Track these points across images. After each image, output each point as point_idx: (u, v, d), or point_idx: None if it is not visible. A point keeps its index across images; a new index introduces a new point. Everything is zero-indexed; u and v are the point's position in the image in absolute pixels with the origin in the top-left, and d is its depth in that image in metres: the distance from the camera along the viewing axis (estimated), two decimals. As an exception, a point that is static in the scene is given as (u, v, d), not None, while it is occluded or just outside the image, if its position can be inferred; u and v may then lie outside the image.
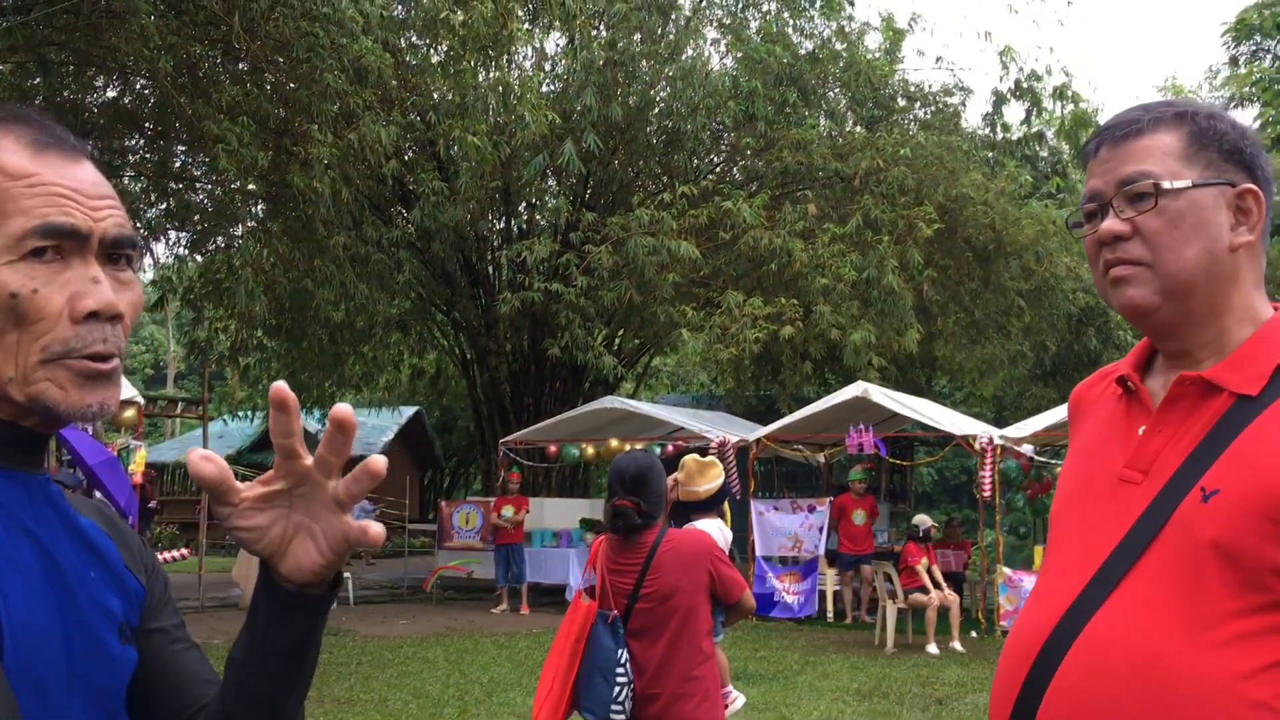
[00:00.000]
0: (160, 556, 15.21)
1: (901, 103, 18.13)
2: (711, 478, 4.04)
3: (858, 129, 17.41)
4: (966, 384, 23.74)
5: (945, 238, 15.43)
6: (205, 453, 0.90)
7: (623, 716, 3.38)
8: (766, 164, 16.26)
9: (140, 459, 10.78)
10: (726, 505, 4.29)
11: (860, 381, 13.38)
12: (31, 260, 0.93)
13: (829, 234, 14.22)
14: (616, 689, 3.37)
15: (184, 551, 15.62)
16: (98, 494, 6.82)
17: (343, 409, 0.89)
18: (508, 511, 13.83)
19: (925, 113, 18.23)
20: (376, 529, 0.93)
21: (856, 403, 13.08)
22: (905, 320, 14.20)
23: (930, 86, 18.53)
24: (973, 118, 43.75)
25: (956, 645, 10.88)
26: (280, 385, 0.89)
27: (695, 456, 4.16)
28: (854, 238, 14.32)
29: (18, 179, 0.95)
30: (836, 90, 17.60)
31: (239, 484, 0.92)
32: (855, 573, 13.15)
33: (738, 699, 3.64)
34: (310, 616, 0.98)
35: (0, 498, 0.95)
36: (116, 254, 0.99)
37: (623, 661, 3.40)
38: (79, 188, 0.97)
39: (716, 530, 4.00)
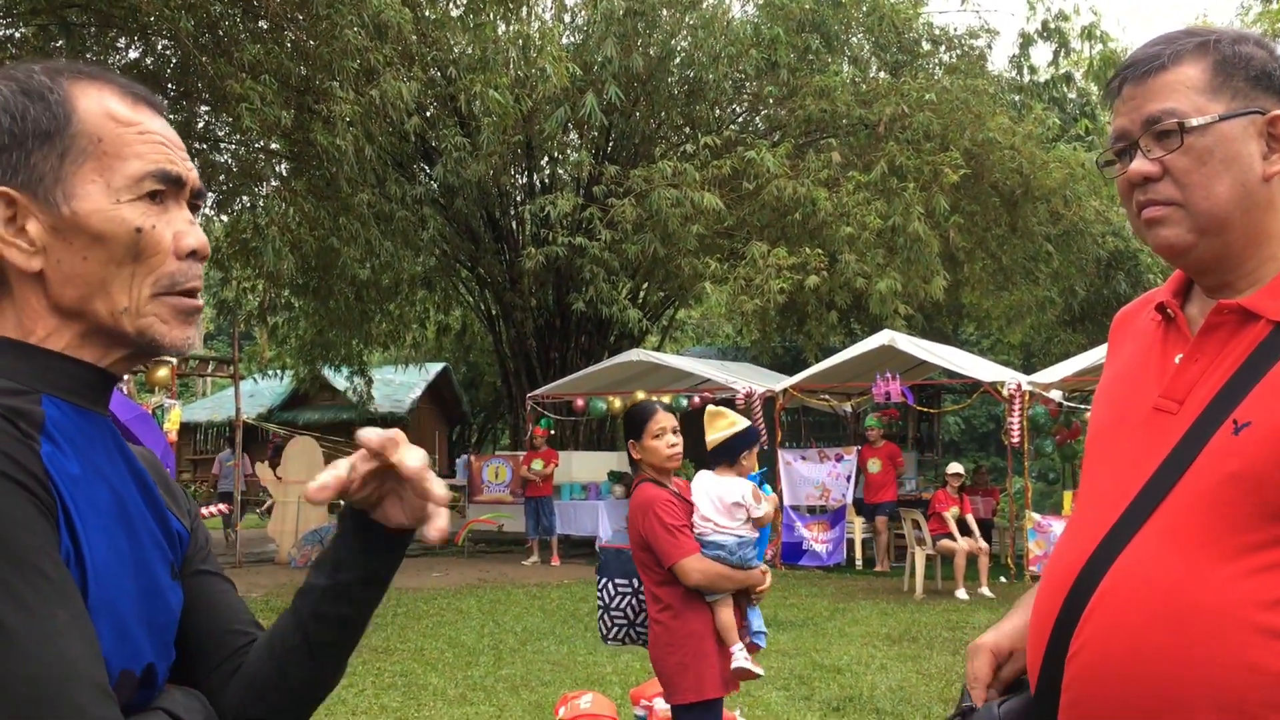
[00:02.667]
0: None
1: (926, 47, 17.88)
2: (718, 428, 3.85)
3: (882, 75, 17.20)
4: (994, 331, 23.60)
5: (971, 183, 15.26)
6: (318, 485, 1.01)
7: (604, 637, 3.95)
8: (789, 112, 16.10)
9: (175, 417, 10.94)
10: (754, 457, 4.17)
11: (886, 330, 13.34)
12: (147, 201, 1.03)
13: (853, 182, 14.10)
14: (599, 610, 3.98)
15: (221, 508, 15.86)
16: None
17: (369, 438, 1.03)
18: (537, 465, 13.95)
19: (950, 56, 17.97)
20: (436, 529, 1.04)
21: (883, 351, 13.04)
22: (931, 267, 14.11)
23: (955, 29, 18.34)
24: (999, 60, 43.13)
25: (985, 591, 10.93)
26: (374, 442, 1.02)
27: (710, 406, 4.07)
28: (879, 185, 14.19)
29: (128, 126, 1.04)
30: (860, 35, 17.36)
31: (351, 475, 1.04)
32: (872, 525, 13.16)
33: (735, 656, 3.64)
34: (392, 551, 1.11)
35: (79, 439, 1.00)
36: (193, 203, 1.10)
37: (600, 585, 3.96)
38: (171, 139, 1.08)
39: (708, 482, 3.81)
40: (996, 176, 15.39)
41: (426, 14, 12.96)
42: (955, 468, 11.79)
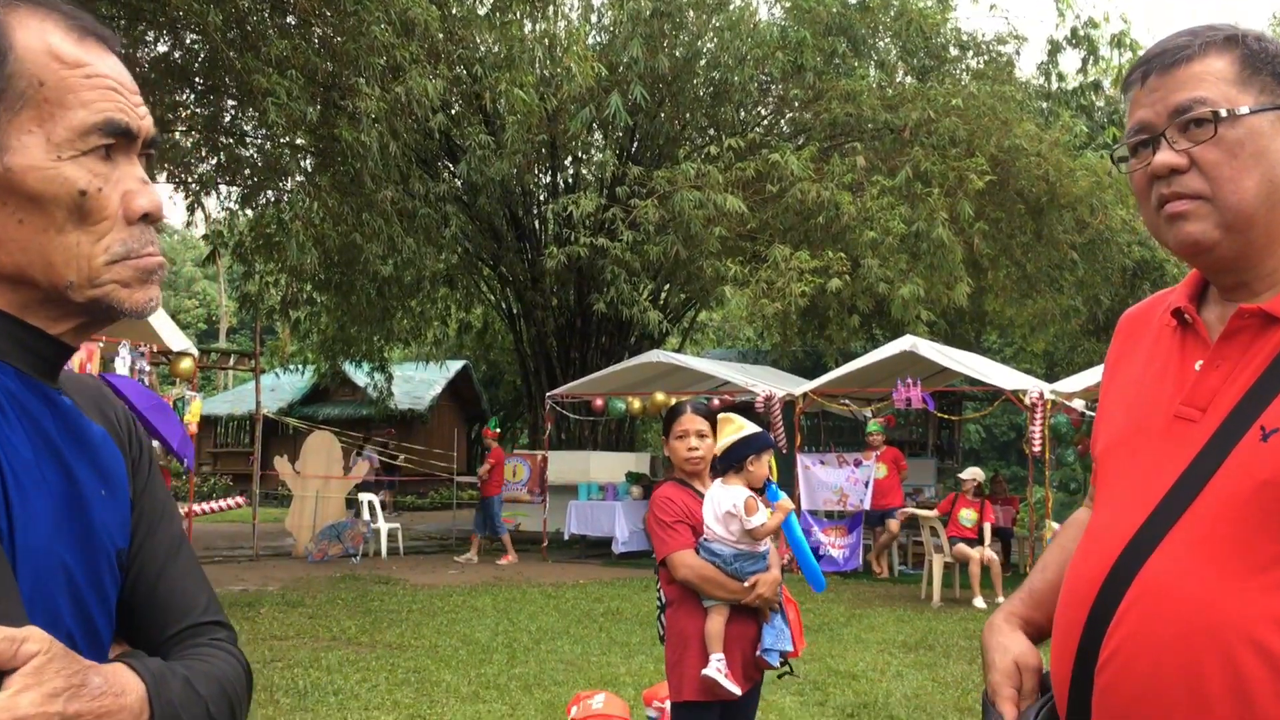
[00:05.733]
0: (214, 505, 15.47)
1: (953, 52, 17.80)
2: (725, 434, 3.73)
3: (908, 79, 17.13)
4: (1017, 339, 23.45)
5: (997, 190, 15.18)
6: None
7: (661, 636, 3.81)
8: (815, 116, 16.06)
9: (195, 409, 11.02)
10: (772, 461, 4.09)
11: (908, 335, 13.27)
12: (94, 157, 0.90)
13: (878, 186, 14.05)
14: (658, 609, 3.85)
15: (238, 500, 15.95)
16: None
17: None
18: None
19: (978, 62, 17.89)
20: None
21: (904, 357, 12.98)
22: (955, 274, 14.03)
23: (983, 35, 18.18)
24: (1027, 67, 42.82)
25: (1003, 600, 10.82)
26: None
27: (722, 414, 3.90)
28: (903, 190, 14.13)
29: (74, 67, 0.90)
30: (887, 40, 17.30)
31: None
32: (884, 527, 13.08)
33: (710, 664, 3.57)
34: None
35: (34, 413, 0.91)
36: (144, 154, 0.96)
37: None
38: (123, 82, 0.94)
39: (712, 490, 3.75)
40: (1022, 183, 15.30)
41: (453, 12, 12.99)
42: (970, 472, 11.48)
